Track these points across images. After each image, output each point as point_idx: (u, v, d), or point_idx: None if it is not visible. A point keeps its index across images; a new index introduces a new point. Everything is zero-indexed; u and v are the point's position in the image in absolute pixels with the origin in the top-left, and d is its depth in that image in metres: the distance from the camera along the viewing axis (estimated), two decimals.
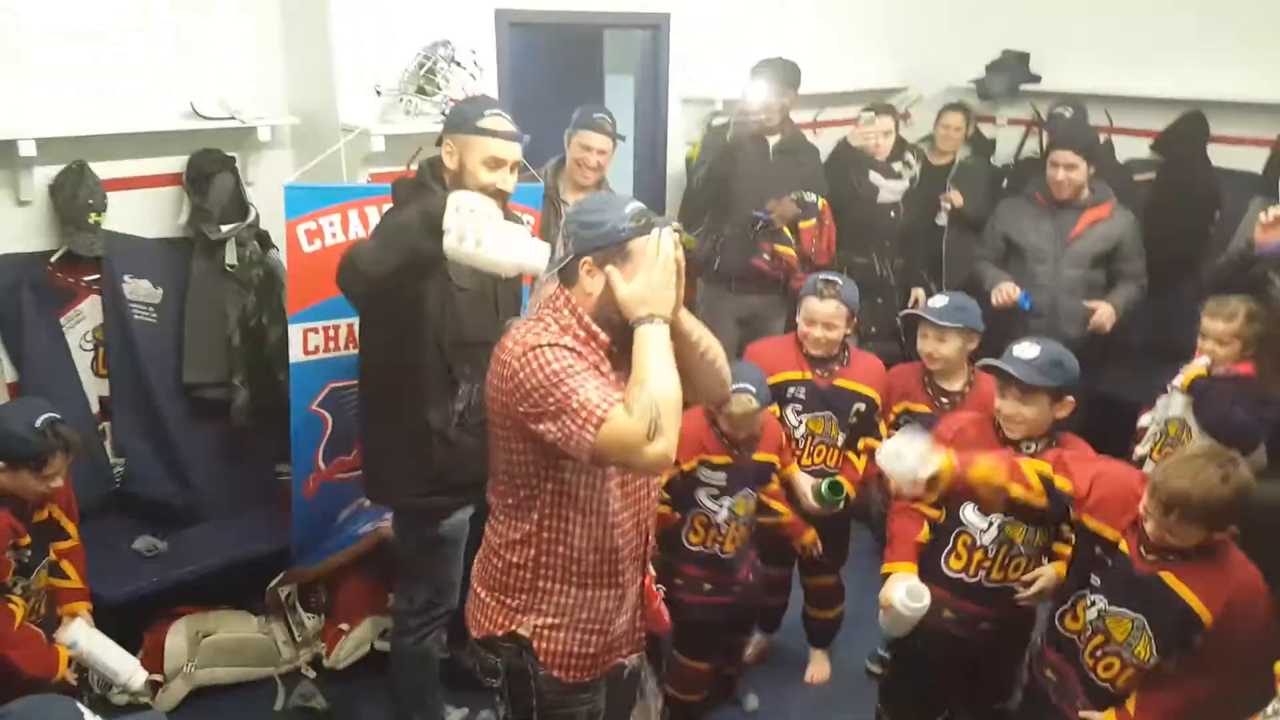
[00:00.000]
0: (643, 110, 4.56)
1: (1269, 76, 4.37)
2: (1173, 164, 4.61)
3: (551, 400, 1.74)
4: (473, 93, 3.18)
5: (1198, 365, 2.99)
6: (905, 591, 2.42)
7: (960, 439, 2.50)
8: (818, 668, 3.49)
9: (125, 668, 2.65)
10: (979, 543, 2.55)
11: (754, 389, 2.75)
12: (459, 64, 3.15)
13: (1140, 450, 3.21)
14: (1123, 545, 2.19)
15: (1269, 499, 2.30)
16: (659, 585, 2.31)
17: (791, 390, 3.10)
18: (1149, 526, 2.10)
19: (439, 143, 2.49)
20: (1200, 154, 4.56)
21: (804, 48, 4.53)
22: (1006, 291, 3.77)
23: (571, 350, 1.81)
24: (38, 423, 2.40)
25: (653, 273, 1.78)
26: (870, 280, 4.24)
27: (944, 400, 3.05)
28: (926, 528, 2.60)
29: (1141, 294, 3.81)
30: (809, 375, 3.09)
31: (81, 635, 2.62)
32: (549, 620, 1.98)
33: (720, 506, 2.86)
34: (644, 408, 1.69)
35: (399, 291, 2.38)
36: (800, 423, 3.11)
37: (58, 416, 2.47)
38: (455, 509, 2.71)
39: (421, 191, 2.43)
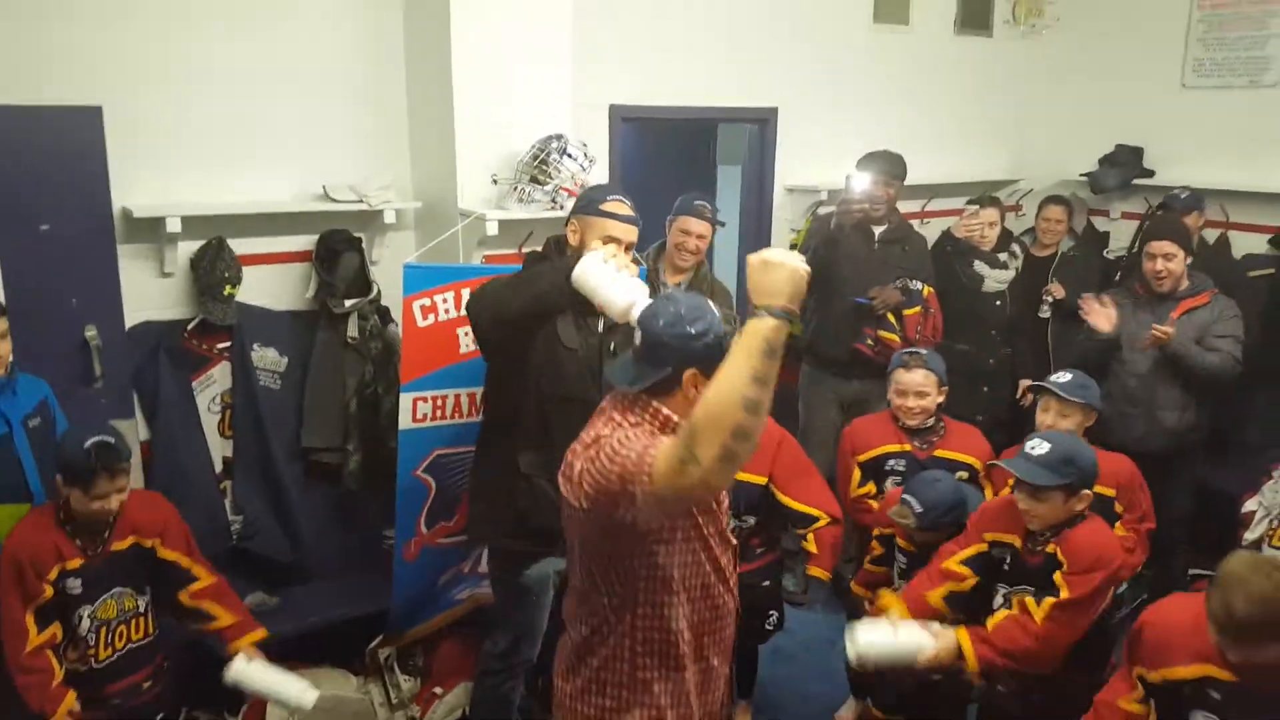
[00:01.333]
0: (749, 199, 4.70)
1: None
2: None
3: (614, 476, 1.70)
4: (584, 183, 3.35)
5: None
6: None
7: (988, 523, 2.61)
8: None
9: (292, 691, 2.70)
10: None
11: (919, 508, 2.76)
12: (570, 155, 3.29)
13: (1251, 535, 3.17)
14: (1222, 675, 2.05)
15: None
16: None
17: (891, 463, 3.16)
18: (1231, 657, 1.99)
19: (567, 223, 2.69)
20: None
21: (913, 139, 4.63)
22: (1107, 315, 3.71)
23: (624, 428, 1.80)
24: (87, 444, 2.43)
25: (755, 268, 1.68)
26: (977, 369, 4.26)
27: None
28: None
29: (1225, 364, 3.63)
30: (908, 447, 3.13)
31: (243, 674, 2.66)
32: (656, 706, 1.95)
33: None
34: (682, 431, 1.62)
35: (516, 333, 2.53)
36: None
37: (110, 440, 2.47)
38: (539, 556, 2.80)
39: (544, 261, 2.65)
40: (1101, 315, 3.71)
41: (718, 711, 2.09)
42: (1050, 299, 4.56)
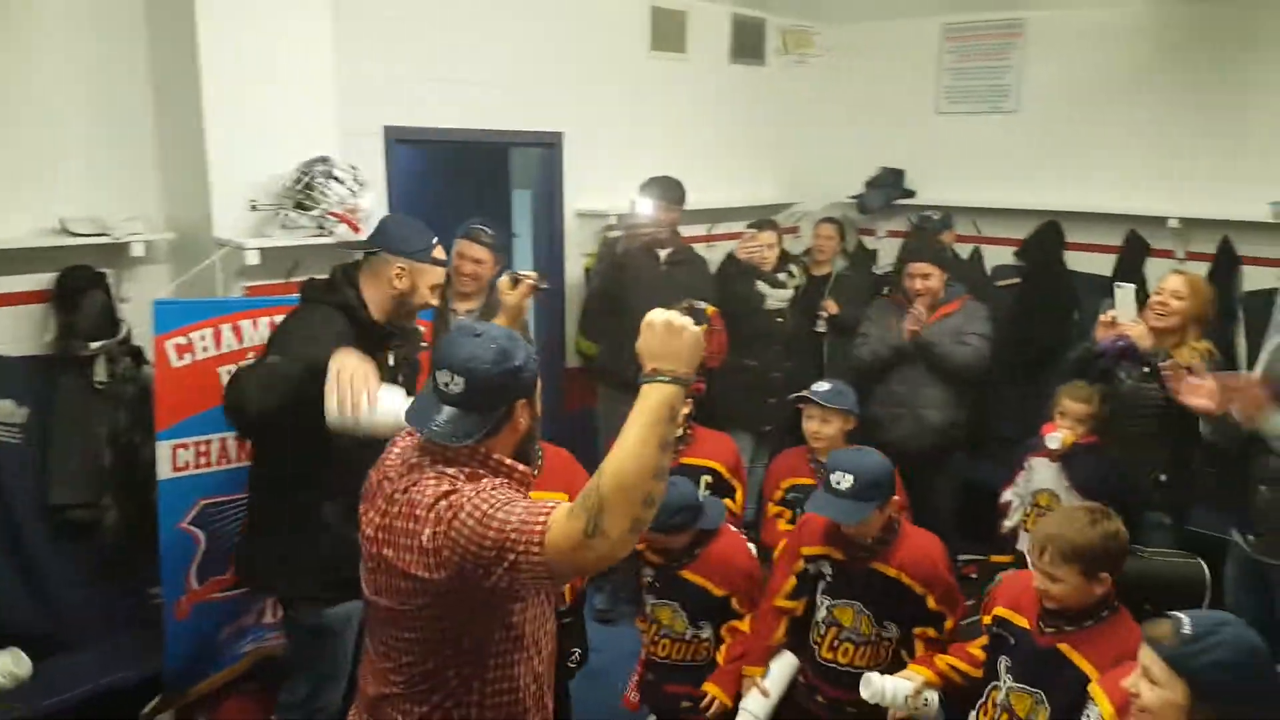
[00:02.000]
0: (540, 223, 4.72)
1: (1111, 190, 4.83)
2: (1034, 268, 4.97)
3: (489, 543, 1.58)
4: (355, 207, 3.25)
5: (1056, 437, 3.30)
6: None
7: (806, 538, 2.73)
8: None
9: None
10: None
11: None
12: (337, 179, 3.19)
13: (1009, 523, 3.55)
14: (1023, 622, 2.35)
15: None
16: None
17: None
18: (1035, 581, 2.27)
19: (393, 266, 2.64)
20: (1057, 259, 4.93)
21: (695, 165, 4.79)
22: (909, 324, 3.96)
23: (482, 480, 1.71)
24: None
25: (655, 332, 1.61)
26: (763, 383, 4.41)
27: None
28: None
29: (973, 357, 3.94)
30: None
31: None
32: None
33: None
34: (584, 501, 1.54)
35: (287, 417, 2.36)
36: None
37: None
38: (342, 600, 2.68)
39: (333, 294, 2.60)
40: (912, 319, 3.95)
41: None
42: (824, 314, 4.81)
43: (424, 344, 2.99)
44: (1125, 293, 3.49)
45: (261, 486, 2.75)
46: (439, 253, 2.72)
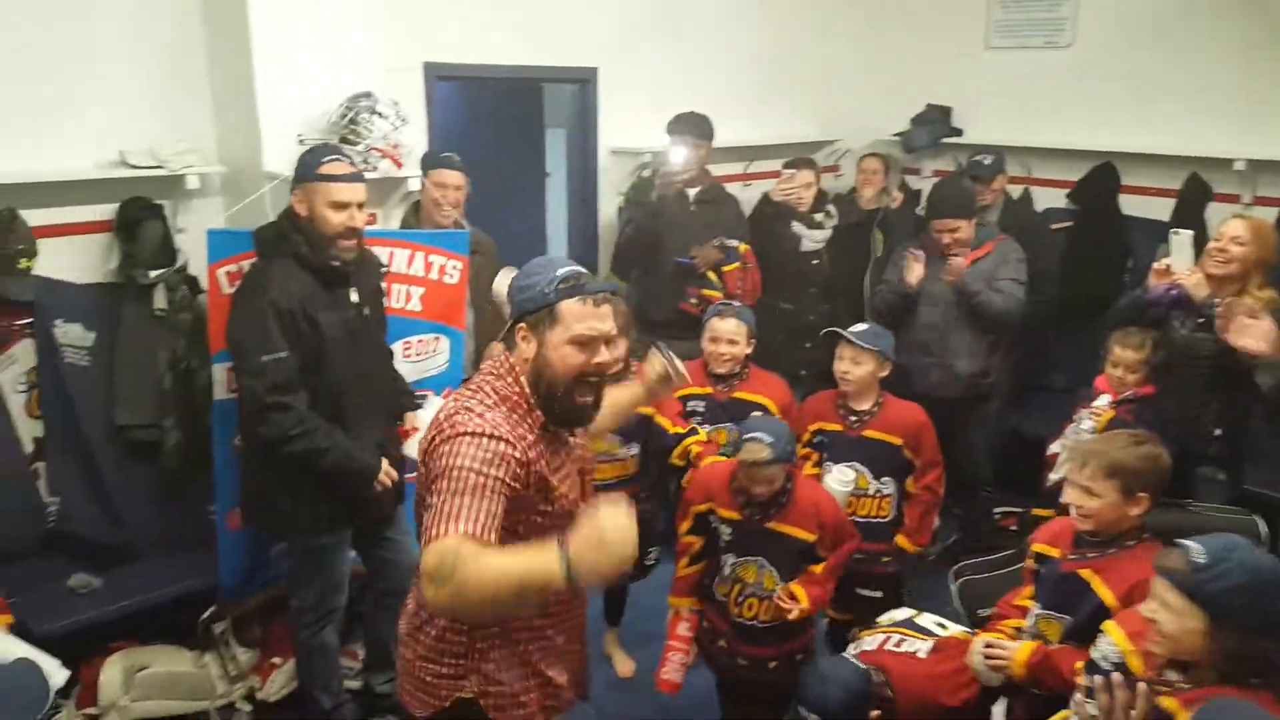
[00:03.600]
0: (574, 161, 4.74)
1: (1172, 131, 4.61)
2: (1087, 212, 4.81)
3: (443, 486, 1.74)
4: (396, 142, 3.34)
5: (1103, 403, 3.23)
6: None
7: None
8: None
9: (48, 668, 2.60)
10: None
11: (769, 439, 2.66)
12: (381, 114, 3.27)
13: (1055, 475, 3.37)
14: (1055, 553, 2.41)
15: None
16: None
17: (692, 404, 3.32)
18: (1069, 494, 2.32)
19: (291, 192, 2.73)
20: (1112, 203, 4.75)
21: (732, 101, 4.73)
22: (915, 270, 3.89)
23: (498, 441, 1.78)
24: None
25: (603, 551, 1.61)
26: (799, 326, 4.41)
27: (853, 419, 3.22)
28: None
29: (1008, 305, 3.84)
30: (708, 389, 3.30)
31: None
32: (490, 676, 1.99)
33: (725, 563, 2.83)
34: (452, 557, 1.64)
35: None
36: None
37: None
38: (335, 528, 2.95)
39: (283, 244, 2.70)
40: (913, 270, 3.90)
41: (567, 681, 2.11)
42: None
43: (384, 268, 3.04)
44: (1182, 240, 3.34)
45: (253, 429, 2.86)
46: (333, 168, 2.69)
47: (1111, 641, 2.05)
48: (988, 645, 2.37)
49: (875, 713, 2.38)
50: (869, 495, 3.20)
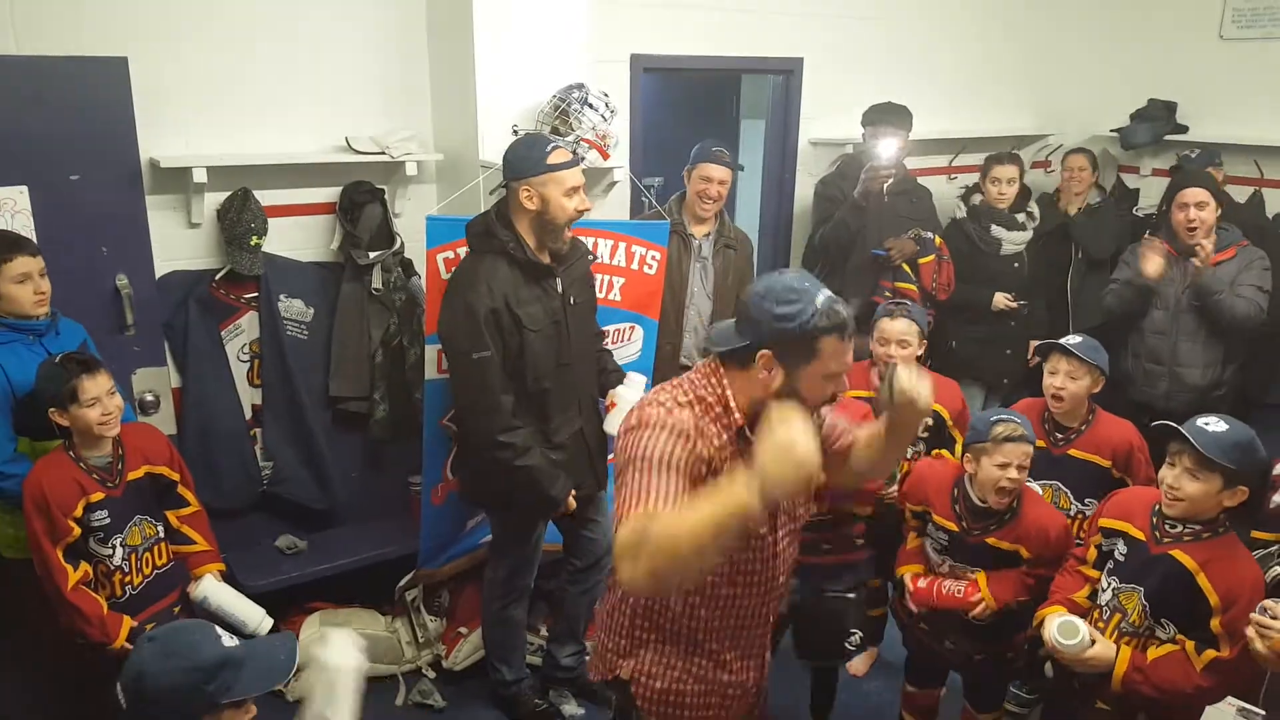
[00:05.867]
0: (772, 152, 4.66)
1: None
2: None
3: (629, 473, 1.74)
4: (605, 133, 3.36)
5: None
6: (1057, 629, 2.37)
7: (1123, 509, 2.47)
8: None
9: (253, 616, 2.81)
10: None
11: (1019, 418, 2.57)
12: (591, 106, 3.28)
13: (1278, 499, 3.06)
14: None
15: None
16: None
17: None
18: None
19: (510, 186, 2.76)
20: None
21: (939, 91, 4.56)
22: (1155, 260, 3.61)
23: (680, 434, 1.75)
24: (56, 360, 2.50)
25: (777, 452, 1.53)
26: (998, 333, 4.22)
27: (1059, 436, 2.98)
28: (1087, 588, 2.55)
29: (1249, 311, 3.56)
30: (873, 393, 3.09)
31: (210, 590, 2.78)
32: (644, 668, 2.00)
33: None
34: (642, 529, 1.61)
35: None
36: None
37: (71, 350, 2.59)
38: (535, 514, 3.01)
39: (490, 240, 2.75)
40: (1152, 260, 3.63)
41: (730, 695, 2.05)
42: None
43: (590, 256, 3.04)
44: None
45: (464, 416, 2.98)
46: (558, 156, 2.72)
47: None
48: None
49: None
50: (1070, 517, 2.96)
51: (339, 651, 1.83)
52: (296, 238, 3.52)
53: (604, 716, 3.27)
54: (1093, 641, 2.33)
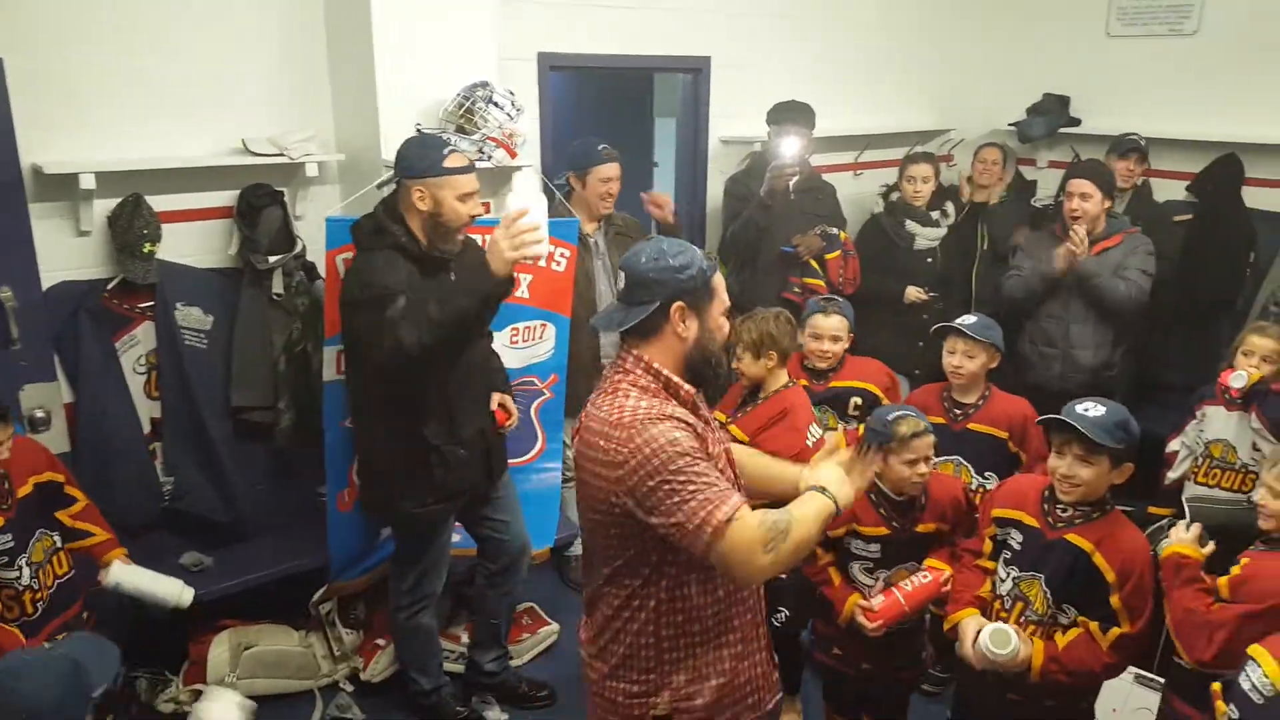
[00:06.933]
0: (684, 150, 4.71)
1: None
2: (1208, 205, 4.63)
3: (666, 489, 1.72)
4: (511, 132, 3.33)
5: (1242, 375, 3.08)
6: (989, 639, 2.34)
7: (1014, 499, 2.52)
8: None
9: (171, 590, 2.79)
10: None
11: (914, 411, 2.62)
12: (496, 104, 3.25)
13: (1174, 474, 3.34)
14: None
15: None
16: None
17: None
18: (1261, 494, 2.34)
19: (391, 184, 2.76)
20: (1235, 195, 4.57)
21: (844, 89, 4.65)
22: (1065, 252, 3.73)
23: (683, 424, 1.78)
24: None
25: (853, 470, 1.97)
26: (912, 324, 4.32)
27: (957, 412, 3.14)
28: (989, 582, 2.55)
29: (1131, 292, 3.73)
30: (804, 382, 3.21)
31: (122, 575, 2.76)
32: (681, 690, 1.94)
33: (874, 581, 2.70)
34: (775, 522, 1.74)
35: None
36: None
37: None
38: (438, 506, 2.94)
39: (383, 237, 2.70)
40: (1060, 255, 3.75)
41: (753, 682, 2.04)
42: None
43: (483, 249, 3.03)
44: None
45: (366, 414, 2.93)
46: (454, 160, 2.70)
47: (1264, 674, 1.94)
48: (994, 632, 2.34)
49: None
50: (971, 490, 3.05)
51: (221, 711, 1.86)
52: (193, 244, 3.40)
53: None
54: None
